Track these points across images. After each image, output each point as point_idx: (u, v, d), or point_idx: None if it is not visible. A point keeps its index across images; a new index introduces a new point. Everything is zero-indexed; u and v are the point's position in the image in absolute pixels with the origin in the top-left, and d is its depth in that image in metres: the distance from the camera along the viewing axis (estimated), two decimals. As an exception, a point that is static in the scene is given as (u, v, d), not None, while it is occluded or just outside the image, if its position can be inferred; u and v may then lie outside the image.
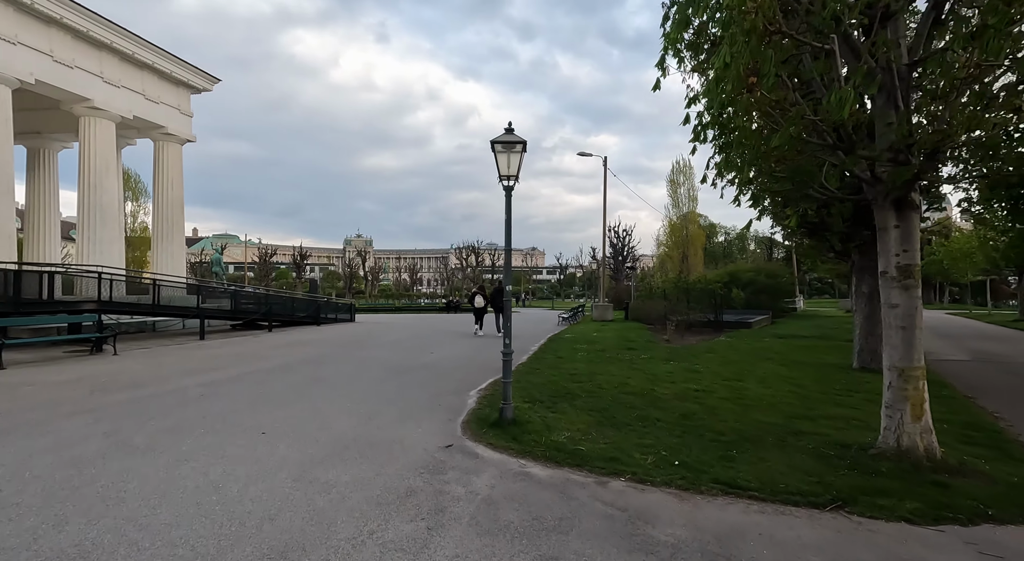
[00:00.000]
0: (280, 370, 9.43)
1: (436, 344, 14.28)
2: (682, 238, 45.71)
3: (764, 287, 28.29)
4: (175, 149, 19.27)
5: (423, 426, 5.83)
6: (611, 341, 14.77)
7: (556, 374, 9.17)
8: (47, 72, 14.56)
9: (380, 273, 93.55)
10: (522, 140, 5.94)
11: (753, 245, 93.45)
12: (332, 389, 7.76)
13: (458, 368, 10.02)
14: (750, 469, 4.38)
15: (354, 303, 27.76)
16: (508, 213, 6.11)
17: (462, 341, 15.24)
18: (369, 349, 12.85)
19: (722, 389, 7.76)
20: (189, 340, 14.45)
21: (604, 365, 10.28)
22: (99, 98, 16.04)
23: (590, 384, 8.25)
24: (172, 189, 19.10)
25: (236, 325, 18.51)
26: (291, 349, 12.59)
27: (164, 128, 18.58)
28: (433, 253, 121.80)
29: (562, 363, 10.61)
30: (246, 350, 12.32)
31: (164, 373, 8.97)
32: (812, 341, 14.86)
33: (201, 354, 11.57)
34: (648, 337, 16.22)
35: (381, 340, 15.19)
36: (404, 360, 11.00)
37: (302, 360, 10.73)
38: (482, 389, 8.05)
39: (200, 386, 7.81)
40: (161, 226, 19.01)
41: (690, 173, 46.03)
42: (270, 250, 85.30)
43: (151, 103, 17.97)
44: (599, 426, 5.93)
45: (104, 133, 16.37)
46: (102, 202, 16.29)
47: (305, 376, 8.82)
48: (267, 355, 11.45)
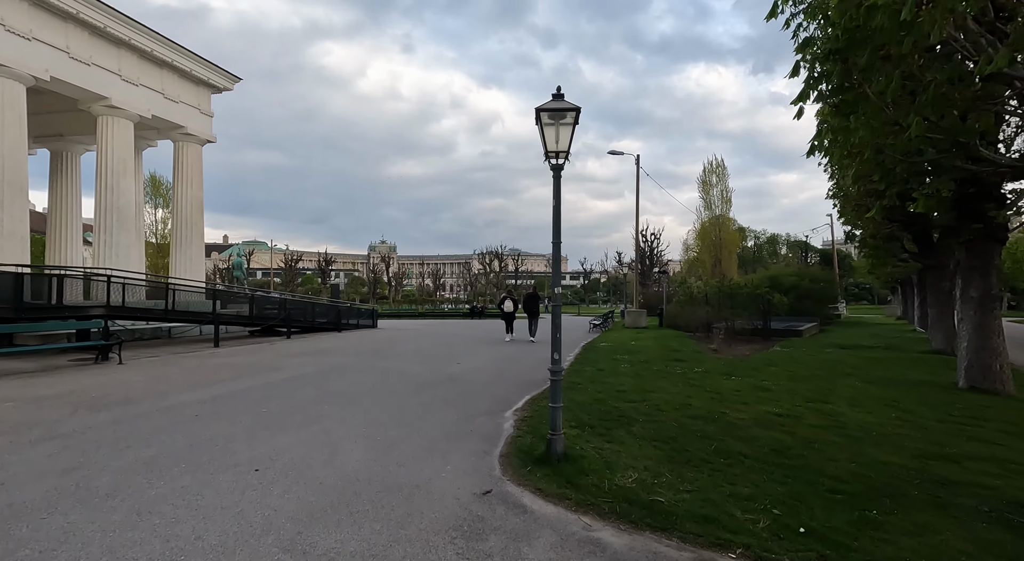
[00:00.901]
0: (292, 383, 8.46)
1: (462, 353, 13.21)
2: (715, 241, 43.88)
3: (808, 292, 26.48)
4: (195, 150, 18.76)
5: (452, 461, 4.72)
6: (653, 351, 13.46)
7: (602, 391, 7.96)
8: (63, 69, 14.10)
9: (404, 279, 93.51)
10: (574, 107, 4.81)
11: (785, 249, 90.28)
12: (347, 407, 6.72)
13: (489, 382, 8.91)
14: (915, 545, 3.12)
15: (376, 308, 26.96)
16: (557, 198, 4.97)
17: (490, 349, 14.15)
18: (391, 359, 11.85)
19: (810, 414, 6.44)
20: (203, 347, 13.70)
21: (655, 380, 9.03)
22: (117, 97, 15.56)
23: (645, 404, 7.02)
24: (191, 190, 18.57)
25: (254, 331, 17.80)
26: (307, 358, 11.68)
27: (184, 128, 18.08)
28: (456, 259, 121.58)
29: (605, 377, 9.39)
30: (259, 359, 11.45)
31: (164, 386, 8.09)
32: (881, 352, 13.27)
33: (211, 363, 10.73)
34: (692, 346, 14.84)
35: (404, 348, 14.20)
36: (429, 372, 9.94)
37: (317, 371, 9.76)
38: (519, 409, 6.90)
39: (199, 403, 6.86)
40: (180, 228, 18.48)
41: (723, 174, 44.31)
42: (295, 256, 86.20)
43: (170, 102, 17.48)
44: (671, 463, 4.73)
45: (122, 133, 15.89)
46: (119, 204, 15.78)
47: (319, 391, 7.82)
48: (280, 365, 10.53)
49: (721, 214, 43.36)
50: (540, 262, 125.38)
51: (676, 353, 12.96)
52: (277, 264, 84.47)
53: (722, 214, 43.42)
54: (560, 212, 5.00)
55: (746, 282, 17.90)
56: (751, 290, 17.32)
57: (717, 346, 14.03)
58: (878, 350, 13.85)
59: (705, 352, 13.66)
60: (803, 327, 20.17)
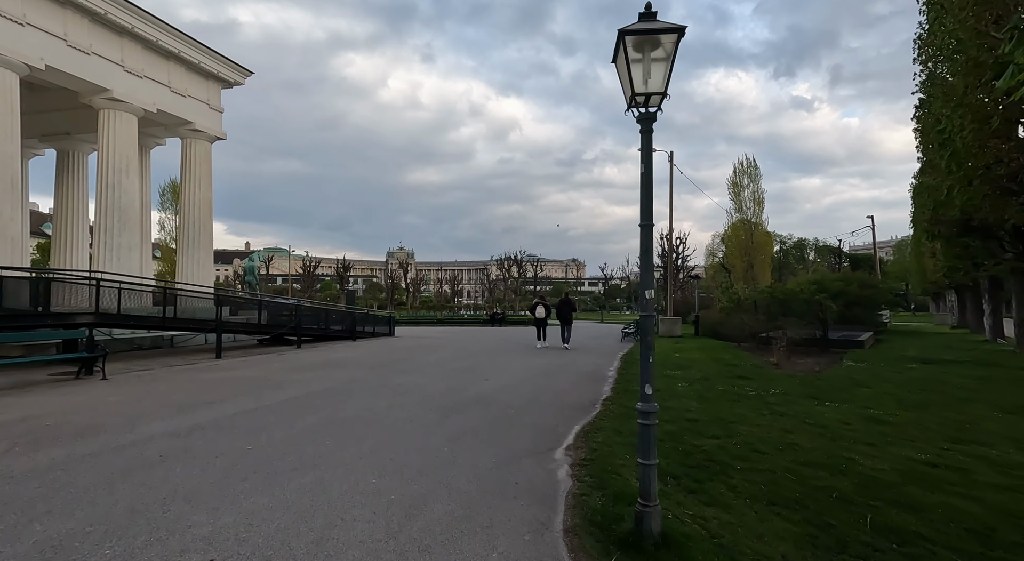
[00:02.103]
0: (291, 407, 7.07)
1: (489, 366, 11.73)
2: (746, 244, 41.77)
3: (857, 299, 24.46)
4: (203, 147, 17.74)
5: (499, 543, 3.23)
6: (706, 365, 11.80)
7: (669, 419, 6.41)
8: (60, 58, 13.13)
9: (421, 285, 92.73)
10: (675, 28, 3.31)
11: (812, 254, 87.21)
12: (354, 443, 5.29)
13: (526, 406, 7.41)
14: None
15: (393, 315, 25.70)
16: (647, 161, 3.47)
17: (520, 361, 12.65)
18: (409, 373, 10.42)
19: (975, 463, 4.78)
20: (204, 358, 12.47)
21: (727, 405, 7.43)
22: (119, 89, 14.57)
23: (733, 442, 5.45)
24: (200, 190, 17.53)
25: (263, 340, 16.60)
26: (314, 373, 10.32)
27: (192, 124, 17.07)
28: (473, 265, 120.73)
29: (664, 399, 7.82)
30: (261, 373, 10.12)
31: (139, 410, 6.77)
32: (978, 369, 11.39)
33: (205, 379, 9.43)
34: (747, 359, 13.14)
35: (423, 361, 12.79)
36: (453, 390, 8.48)
37: (324, 390, 8.37)
38: (571, 446, 5.39)
39: (171, 436, 5.49)
40: (187, 230, 17.44)
41: (756, 174, 42.21)
42: (314, 262, 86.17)
43: (177, 96, 16.48)
44: (818, 550, 3.18)
45: (125, 127, 14.89)
46: (121, 204, 14.75)
47: (321, 418, 6.41)
48: (283, 381, 9.18)
49: (754, 216, 41.24)
50: (557, 268, 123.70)
51: (734, 368, 11.29)
52: (296, 270, 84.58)
53: (755, 216, 41.28)
54: (651, 181, 3.50)
55: (801, 287, 16.09)
56: (808, 296, 15.53)
57: (778, 360, 12.31)
58: (968, 365, 11.96)
59: (765, 366, 11.96)
60: (862, 337, 18.26)
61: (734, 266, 43.18)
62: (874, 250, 40.46)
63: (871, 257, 76.15)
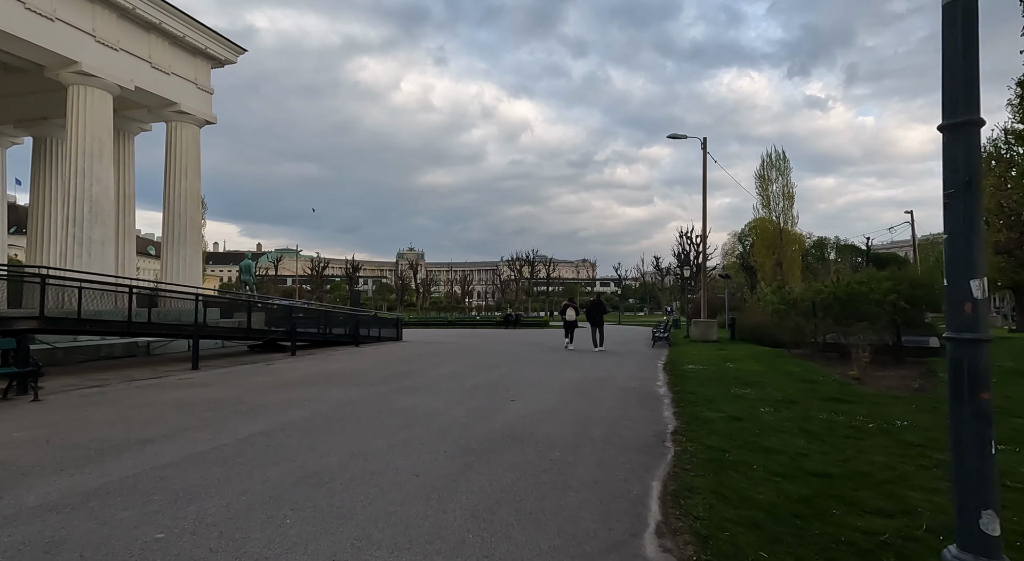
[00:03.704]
0: (254, 449, 5.16)
1: (514, 380, 9.77)
2: (775, 241, 39.40)
3: (909, 300, 22.15)
4: (191, 131, 15.98)
5: None
6: (777, 380, 9.73)
7: (786, 475, 4.40)
8: (17, 24, 11.41)
9: (432, 285, 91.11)
10: None
11: (834, 254, 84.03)
12: (325, 530, 3.34)
13: (574, 442, 5.46)
14: None
15: (401, 317, 23.85)
16: None
17: (547, 373, 10.68)
18: (417, 392, 8.49)
19: None
20: (178, 369, 10.65)
21: (851, 446, 5.39)
22: (90, 61, 12.84)
23: (918, 523, 3.42)
24: (187, 179, 15.76)
25: (255, 346, 14.80)
26: (302, 392, 8.42)
27: (177, 105, 15.32)
28: (484, 265, 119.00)
29: (754, 434, 5.81)
30: (236, 393, 8.23)
31: (41, 455, 4.89)
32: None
33: (163, 401, 7.57)
34: (816, 371, 11.06)
35: (434, 373, 10.86)
36: (473, 418, 6.54)
37: (306, 420, 6.45)
38: (664, 524, 3.44)
39: (49, 512, 3.60)
40: (173, 224, 15.68)
41: (785, 168, 39.82)
42: (323, 263, 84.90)
43: (160, 73, 14.74)
44: None
45: (98, 106, 13.16)
46: (93, 193, 13.01)
47: (290, 470, 4.49)
48: (258, 405, 7.29)
49: (783, 212, 38.88)
50: (568, 268, 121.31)
51: (813, 386, 9.22)
52: (304, 271, 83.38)
53: (784, 212, 38.93)
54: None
55: (872, 285, 13.93)
56: (882, 295, 13.37)
57: (860, 373, 10.20)
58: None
59: (845, 380, 9.88)
60: (932, 342, 16.05)
61: (761, 264, 40.84)
62: (914, 248, 37.94)
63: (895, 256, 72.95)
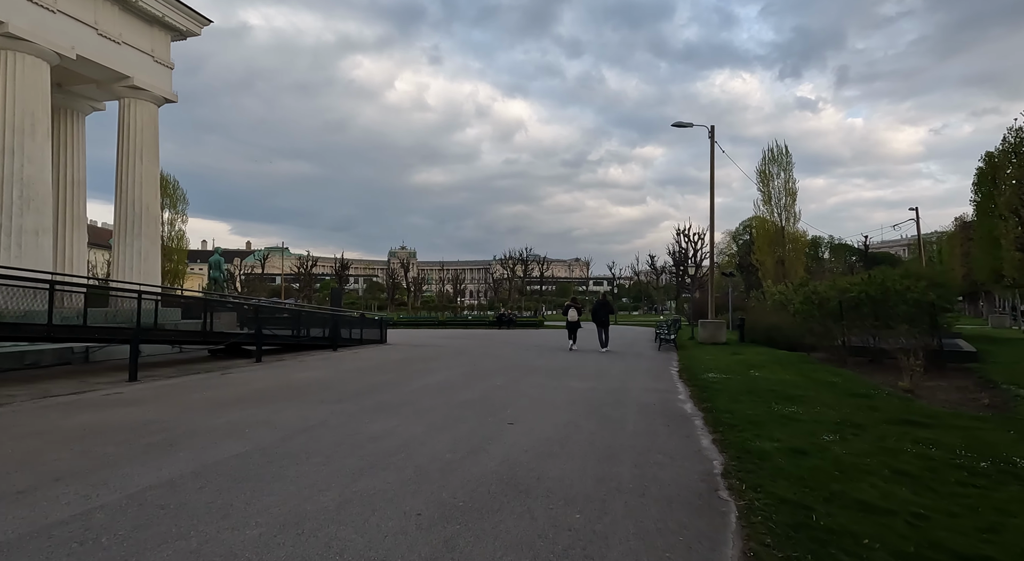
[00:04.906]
0: (142, 514, 3.56)
1: (512, 394, 8.21)
2: (777, 238, 38.17)
3: (926, 299, 20.90)
4: (147, 109, 14.24)
5: None
6: (822, 395, 8.25)
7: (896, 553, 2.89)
8: (-75, -28, 9.69)
9: (423, 284, 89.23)
10: None
11: (828, 253, 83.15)
12: None
13: (596, 493, 3.92)
14: None
15: (384, 316, 22.23)
16: None
17: (551, 384, 9.14)
18: (394, 412, 6.92)
19: None
20: (111, 381, 8.98)
21: (981, 504, 3.90)
22: (20, 22, 11.11)
23: None
24: (142, 163, 14.03)
25: (218, 350, 13.14)
26: (248, 413, 6.80)
27: (130, 79, 13.58)
28: (476, 264, 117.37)
29: (849, 484, 4.29)
30: (163, 415, 6.59)
31: None
32: None
33: (64, 428, 5.93)
34: (854, 380, 9.63)
35: (419, 384, 9.28)
36: (461, 454, 4.98)
37: (237, 458, 4.85)
38: None
39: None
40: (126, 213, 13.92)
41: (787, 163, 38.57)
42: (311, 261, 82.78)
43: (108, 42, 13.00)
44: None
45: (30, 75, 11.43)
46: (24, 175, 11.29)
47: (180, 555, 2.91)
48: (184, 434, 5.68)
49: (786, 208, 37.64)
50: (561, 268, 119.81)
51: (867, 402, 7.75)
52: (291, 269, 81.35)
53: (787, 208, 37.69)
54: None
55: (907, 282, 12.52)
56: (920, 293, 11.96)
57: (911, 384, 8.77)
58: None
59: (899, 394, 8.45)
60: (965, 346, 14.76)
61: (762, 262, 39.62)
62: (919, 245, 36.78)
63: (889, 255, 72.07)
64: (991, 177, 25.71)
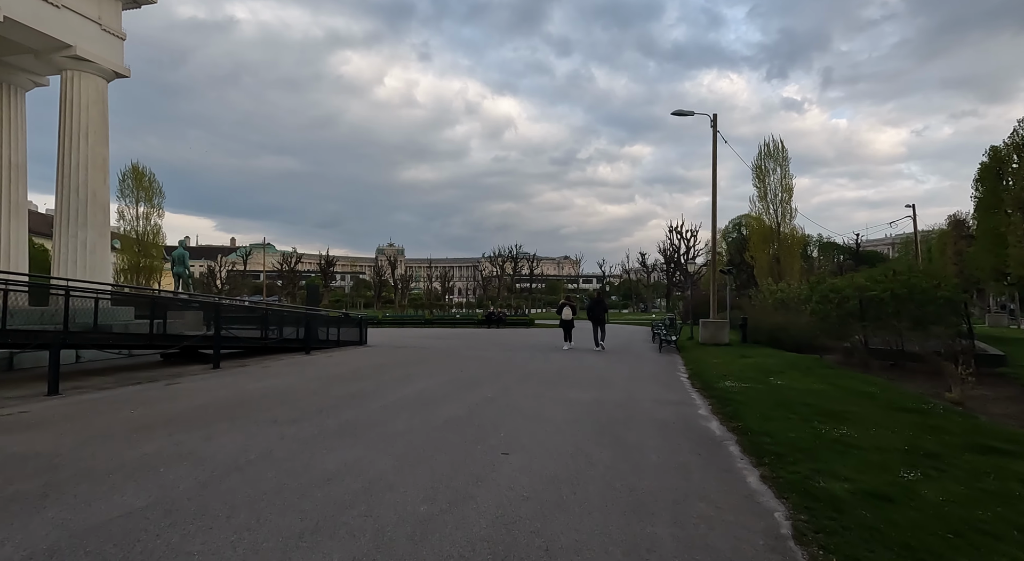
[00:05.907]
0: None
1: (504, 410, 6.92)
2: (772, 235, 37.31)
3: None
4: (94, 84, 12.66)
5: None
6: (867, 410, 7.08)
7: None
8: None
9: (411, 282, 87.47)
10: None
11: (816, 252, 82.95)
12: None
13: None
14: None
15: (364, 316, 20.83)
16: None
17: (549, 394, 7.86)
18: (356, 437, 5.59)
19: None
20: (27, 396, 7.55)
21: None
22: (-68, -24, 9.54)
23: None
24: (87, 144, 12.45)
25: (172, 355, 11.69)
26: (172, 440, 5.43)
27: (72, 49, 12.00)
28: (465, 262, 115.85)
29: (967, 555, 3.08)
30: (63, 444, 5.19)
31: None
32: None
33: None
34: (893, 389, 8.50)
35: (392, 397, 7.95)
36: (439, 503, 3.67)
37: (130, 517, 3.51)
38: None
39: None
40: (68, 199, 12.34)
41: (783, 158, 37.69)
42: (296, 258, 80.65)
43: (46, 5, 11.43)
44: None
45: (-53, 39, 9.86)
46: (-61, 152, 9.72)
47: None
48: (73, 477, 4.31)
49: (782, 204, 36.79)
50: (549, 265, 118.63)
51: (923, 420, 6.60)
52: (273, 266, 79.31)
53: (783, 204, 36.84)
54: None
55: (936, 281, 11.48)
56: (951, 292, 10.92)
57: (960, 395, 7.67)
58: None
59: (947, 405, 7.34)
60: (991, 349, 13.80)
61: (757, 260, 38.76)
62: (916, 243, 36.15)
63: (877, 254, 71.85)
64: (996, 172, 24.98)
